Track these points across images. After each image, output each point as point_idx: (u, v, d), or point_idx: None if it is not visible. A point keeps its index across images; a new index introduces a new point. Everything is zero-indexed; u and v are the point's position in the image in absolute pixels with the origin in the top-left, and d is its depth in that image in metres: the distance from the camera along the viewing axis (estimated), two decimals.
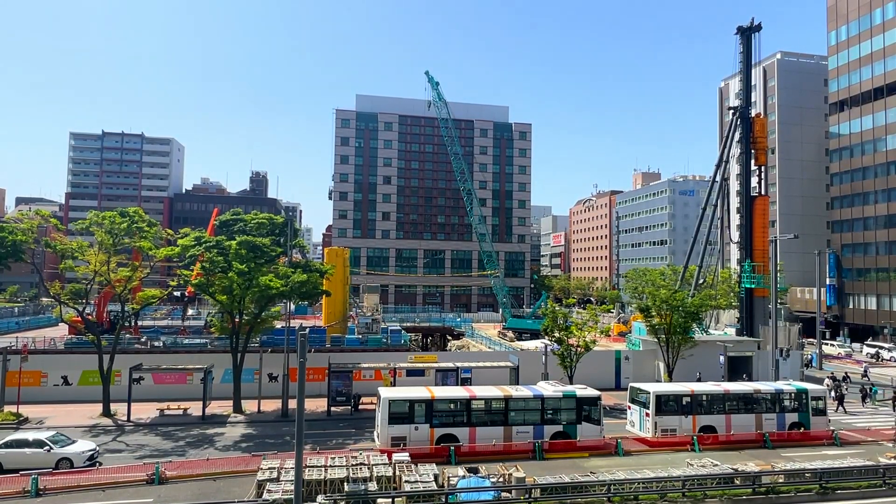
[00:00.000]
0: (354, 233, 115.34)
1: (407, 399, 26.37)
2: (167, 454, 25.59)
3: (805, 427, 29.38)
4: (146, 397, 34.05)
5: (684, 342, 38.93)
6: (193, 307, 69.46)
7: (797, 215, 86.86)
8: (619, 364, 43.31)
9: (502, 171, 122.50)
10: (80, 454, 23.40)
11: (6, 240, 30.43)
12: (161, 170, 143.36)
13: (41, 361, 35.96)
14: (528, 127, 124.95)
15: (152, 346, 43.56)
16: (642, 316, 41.81)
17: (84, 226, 33.52)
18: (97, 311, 45.13)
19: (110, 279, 33.31)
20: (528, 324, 70.79)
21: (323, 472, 20.07)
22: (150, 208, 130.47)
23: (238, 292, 32.30)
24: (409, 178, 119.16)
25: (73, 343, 41.93)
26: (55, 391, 35.44)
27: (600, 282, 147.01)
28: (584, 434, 26.77)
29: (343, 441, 28.28)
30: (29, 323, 62.93)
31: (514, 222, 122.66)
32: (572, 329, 36.00)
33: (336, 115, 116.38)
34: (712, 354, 41.11)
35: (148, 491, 21.00)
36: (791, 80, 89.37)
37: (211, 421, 31.49)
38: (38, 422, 30.59)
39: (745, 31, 52.25)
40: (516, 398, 27.08)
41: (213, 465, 23.23)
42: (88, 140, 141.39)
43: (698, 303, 40.32)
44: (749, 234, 51.42)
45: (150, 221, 34.66)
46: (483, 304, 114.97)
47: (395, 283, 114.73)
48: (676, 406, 28.75)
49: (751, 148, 52.40)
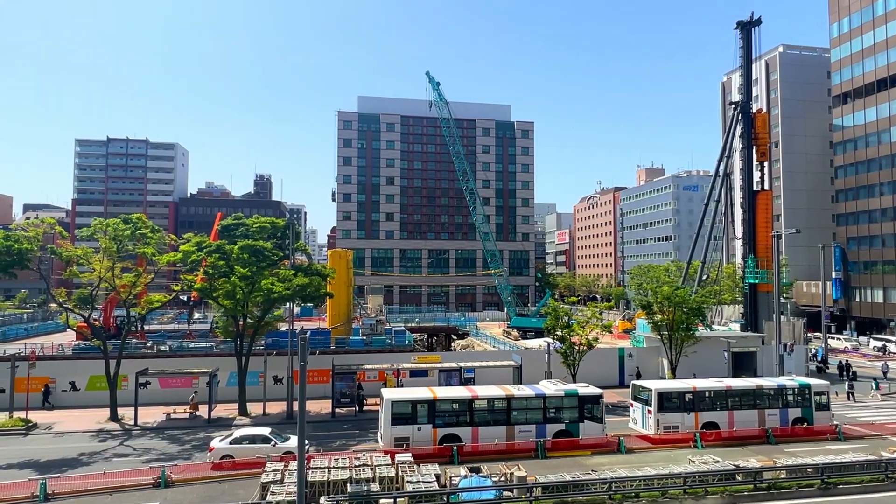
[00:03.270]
0: (359, 234, 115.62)
1: (409, 400, 26.54)
2: (173, 458, 25.87)
3: (808, 422, 29.35)
4: (152, 401, 34.38)
5: (687, 339, 38.89)
6: (199, 311, 69.97)
7: (802, 209, 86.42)
8: (624, 361, 43.31)
9: (505, 170, 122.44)
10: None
11: (12, 248, 30.81)
12: (166, 174, 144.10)
13: (49, 367, 36.39)
14: (531, 125, 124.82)
15: (158, 350, 43.88)
16: (645, 313, 41.81)
17: (89, 233, 33.91)
18: (104, 316, 45.56)
19: (115, 285, 33.65)
20: (532, 322, 70.78)
21: (326, 474, 20.27)
22: (156, 213, 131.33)
23: (241, 296, 32.58)
24: (412, 179, 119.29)
25: (80, 349, 42.32)
26: (63, 397, 35.85)
27: (605, 279, 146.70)
28: (586, 432, 26.86)
29: (347, 442, 28.48)
30: (37, 329, 63.47)
31: (517, 221, 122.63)
32: (575, 327, 36.06)
33: (338, 117, 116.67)
34: (716, 350, 41.01)
35: (154, 494, 21.28)
36: (793, 73, 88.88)
37: (217, 424, 31.75)
38: (47, 427, 30.98)
39: (745, 26, 52.06)
40: (518, 397, 27.20)
41: (218, 467, 23.50)
42: (94, 146, 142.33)
43: (700, 299, 40.27)
44: (752, 228, 51.24)
45: (153, 227, 35.00)
46: (488, 303, 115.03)
47: (399, 284, 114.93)
48: (679, 403, 28.78)
49: (752, 143, 52.23)
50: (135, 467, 24.02)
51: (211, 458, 24.32)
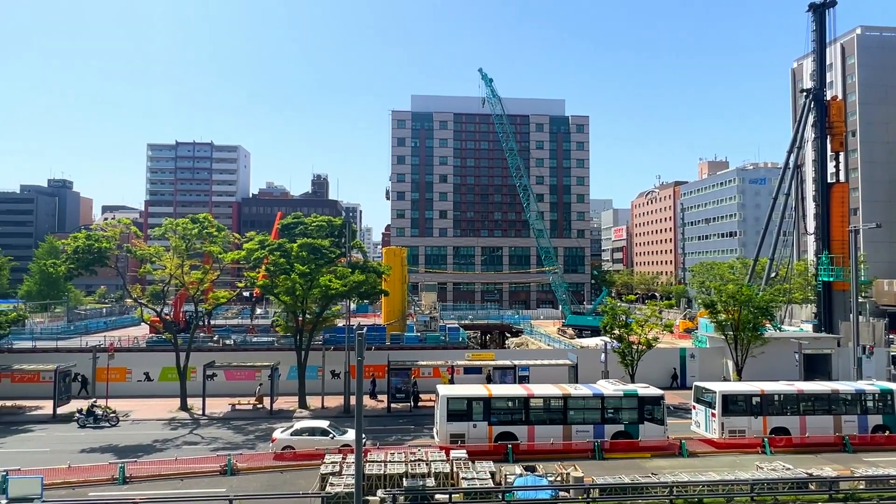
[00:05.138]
0: (412, 232, 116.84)
1: (465, 397, 26.60)
2: (238, 447, 26.99)
3: (891, 430, 27.42)
4: (219, 392, 35.97)
5: (754, 339, 37.12)
6: (261, 307, 72.59)
7: (881, 202, 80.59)
8: (685, 362, 41.80)
9: (559, 166, 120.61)
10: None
11: (93, 247, 33.00)
12: (229, 176, 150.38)
13: (126, 359, 38.76)
14: (586, 119, 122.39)
15: (224, 344, 45.95)
16: (708, 312, 40.19)
17: (160, 232, 35.88)
18: (174, 311, 48.08)
19: (184, 281, 35.44)
20: (588, 320, 69.40)
21: (382, 468, 20.61)
22: (220, 213, 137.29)
23: (300, 293, 33.59)
24: (465, 176, 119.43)
25: (153, 341, 44.89)
26: (138, 386, 38.11)
27: (665, 276, 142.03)
28: (646, 434, 26.11)
29: (402, 437, 28.86)
30: (115, 323, 67.76)
31: (572, 217, 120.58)
32: (633, 326, 35.12)
33: (392, 116, 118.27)
34: (786, 352, 38.85)
35: (221, 481, 22.27)
36: (873, 56, 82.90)
37: (278, 416, 32.89)
38: (124, 415, 32.99)
39: (818, 8, 49.02)
40: (575, 397, 26.75)
41: (280, 458, 24.37)
42: (163, 150, 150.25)
43: (769, 297, 38.32)
44: (826, 223, 48.30)
45: (218, 226, 36.62)
46: (542, 300, 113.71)
47: (453, 281, 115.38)
48: (745, 406, 27.55)
49: (826, 133, 49.18)
50: (203, 455, 25.24)
51: (273, 449, 25.22)
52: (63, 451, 25.84)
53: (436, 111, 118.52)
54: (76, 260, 33.02)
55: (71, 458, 23.96)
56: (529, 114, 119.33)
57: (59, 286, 77.36)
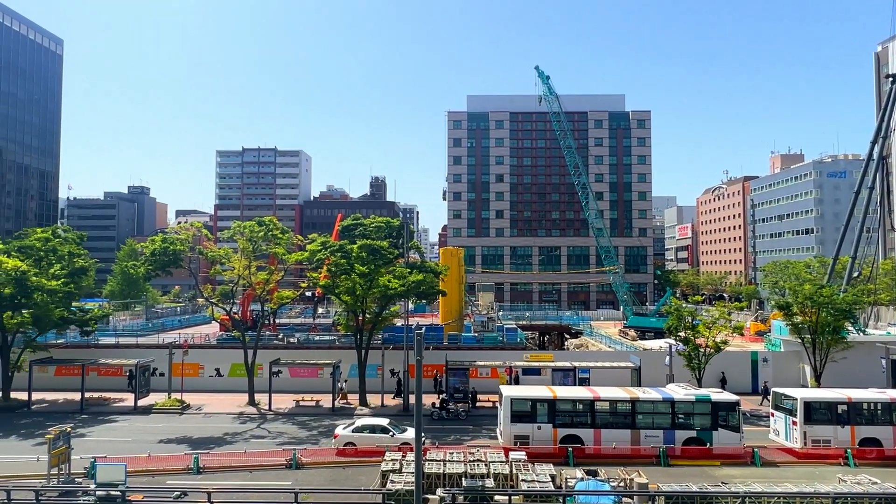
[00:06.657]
0: (469, 232, 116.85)
1: (529, 398, 26.35)
2: (302, 442, 27.87)
3: None
4: (283, 389, 37.19)
5: (834, 343, 34.75)
6: (323, 306, 74.67)
7: None
8: (757, 366, 39.69)
9: (620, 163, 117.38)
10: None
11: (168, 250, 34.96)
12: (292, 180, 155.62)
13: (198, 355, 40.80)
14: (647, 114, 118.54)
15: (288, 342, 47.53)
16: (782, 314, 37.98)
17: (229, 235, 37.56)
18: (242, 310, 50.18)
19: (251, 282, 36.92)
20: (651, 322, 67.19)
21: (441, 467, 20.69)
22: (284, 216, 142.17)
23: (360, 292, 34.29)
24: (522, 175, 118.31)
25: (223, 339, 47.03)
26: (210, 381, 40.00)
27: (734, 276, 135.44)
28: (720, 441, 25.05)
29: (460, 437, 28.89)
30: (189, 321, 71.58)
31: (633, 215, 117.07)
32: (700, 328, 33.66)
33: (448, 118, 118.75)
34: (872, 357, 36.15)
35: (286, 475, 23.04)
36: None
37: (340, 413, 33.70)
38: (197, 408, 34.73)
39: None
40: (643, 401, 25.97)
41: (342, 453, 24.96)
42: (231, 156, 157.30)
43: (851, 299, 35.78)
44: None
45: (283, 229, 37.95)
46: (602, 301, 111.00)
47: (510, 281, 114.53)
48: (829, 415, 25.92)
49: None
50: (270, 448, 26.20)
51: (335, 445, 25.87)
52: (143, 441, 27.50)
53: (492, 111, 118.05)
54: (154, 261, 35.09)
55: (151, 448, 25.50)
56: (588, 110, 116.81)
57: (138, 286, 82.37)
